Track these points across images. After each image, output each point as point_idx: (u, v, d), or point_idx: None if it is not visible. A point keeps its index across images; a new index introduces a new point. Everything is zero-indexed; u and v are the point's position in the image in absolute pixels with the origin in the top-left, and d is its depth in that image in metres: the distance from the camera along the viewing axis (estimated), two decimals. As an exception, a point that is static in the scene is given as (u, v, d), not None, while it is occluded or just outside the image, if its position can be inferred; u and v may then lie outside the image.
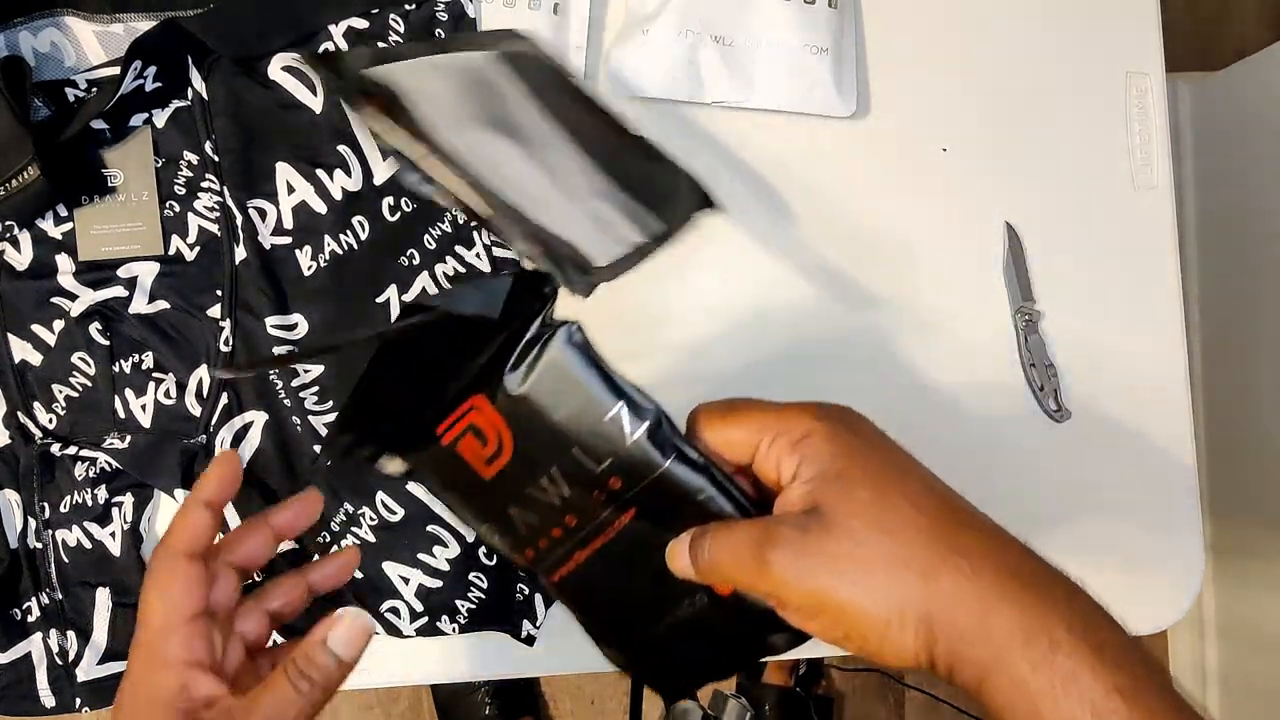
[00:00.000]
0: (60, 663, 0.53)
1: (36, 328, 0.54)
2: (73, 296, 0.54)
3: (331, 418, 0.55)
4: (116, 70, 0.53)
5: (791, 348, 0.59)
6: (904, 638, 0.31)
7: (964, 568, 0.31)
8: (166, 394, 0.55)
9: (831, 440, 0.34)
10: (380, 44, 0.56)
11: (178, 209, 0.55)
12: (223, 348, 0.55)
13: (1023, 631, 0.30)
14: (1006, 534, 0.34)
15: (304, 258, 0.55)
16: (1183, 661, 1.31)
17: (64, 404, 0.54)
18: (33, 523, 0.54)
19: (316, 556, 0.55)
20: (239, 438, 0.55)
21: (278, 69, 0.56)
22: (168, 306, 0.55)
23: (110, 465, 0.54)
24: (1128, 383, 0.61)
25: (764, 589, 0.34)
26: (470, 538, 0.55)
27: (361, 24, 0.56)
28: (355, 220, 0.55)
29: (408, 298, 0.56)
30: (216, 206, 0.55)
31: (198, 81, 0.55)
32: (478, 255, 0.56)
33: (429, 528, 0.55)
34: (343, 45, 0.56)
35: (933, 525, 0.33)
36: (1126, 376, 0.61)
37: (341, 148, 0.56)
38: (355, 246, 0.55)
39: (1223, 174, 1.18)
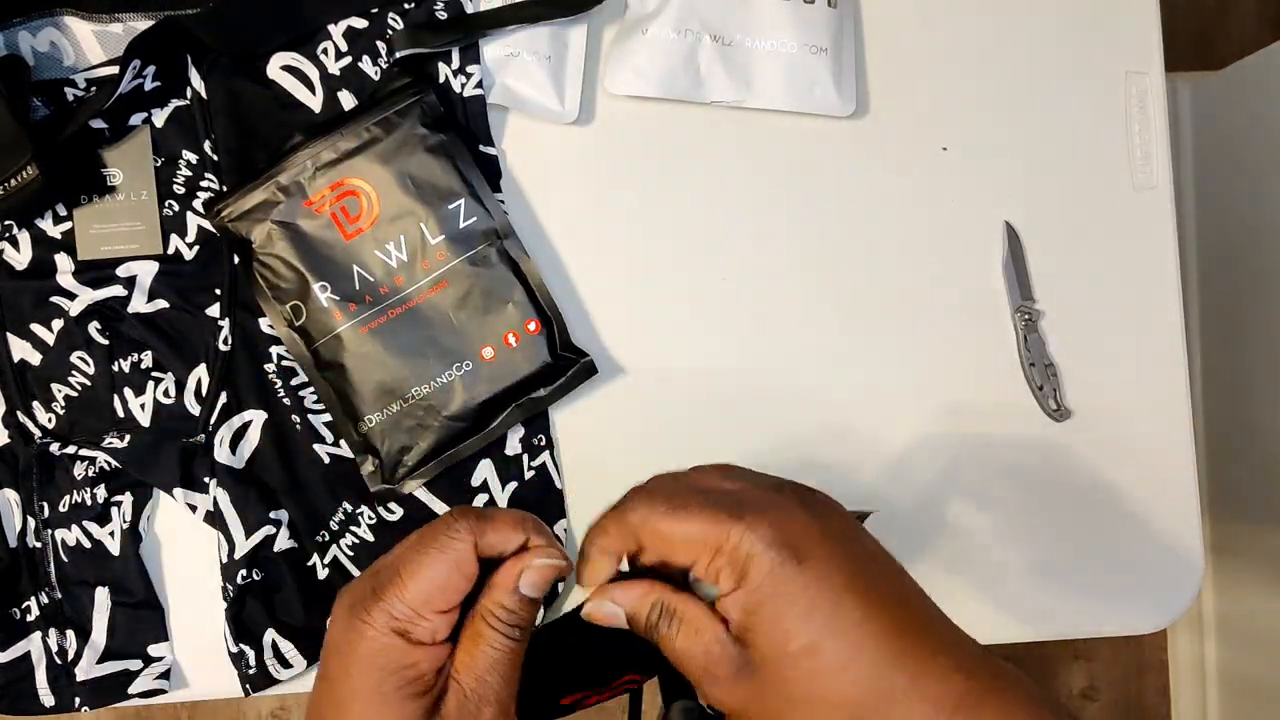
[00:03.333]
0: (59, 662, 0.53)
1: (36, 327, 0.54)
2: (72, 296, 0.54)
3: (329, 417, 0.55)
4: (115, 69, 0.53)
5: (791, 347, 0.59)
6: None
7: (897, 713, 0.30)
8: (165, 393, 0.55)
9: (773, 576, 0.31)
10: (380, 43, 0.56)
11: (177, 208, 0.55)
12: (222, 347, 0.55)
13: None
14: (951, 640, 0.32)
15: (303, 257, 0.55)
16: (1182, 661, 1.31)
17: (63, 403, 0.54)
18: (32, 522, 0.54)
19: (315, 556, 0.55)
20: (238, 437, 0.55)
21: (277, 68, 0.56)
22: (167, 306, 0.55)
23: (109, 464, 0.54)
24: (1128, 382, 0.61)
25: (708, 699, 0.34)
26: None
27: (361, 24, 0.56)
28: (354, 220, 0.55)
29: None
30: (216, 206, 0.55)
31: (197, 80, 0.55)
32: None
33: (428, 527, 0.55)
34: (342, 45, 0.56)
35: (868, 669, 0.31)
36: (1126, 376, 0.61)
37: (341, 147, 0.56)
38: (354, 246, 0.55)
39: (1223, 174, 1.18)
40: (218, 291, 0.55)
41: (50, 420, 0.54)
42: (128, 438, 0.54)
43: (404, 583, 0.33)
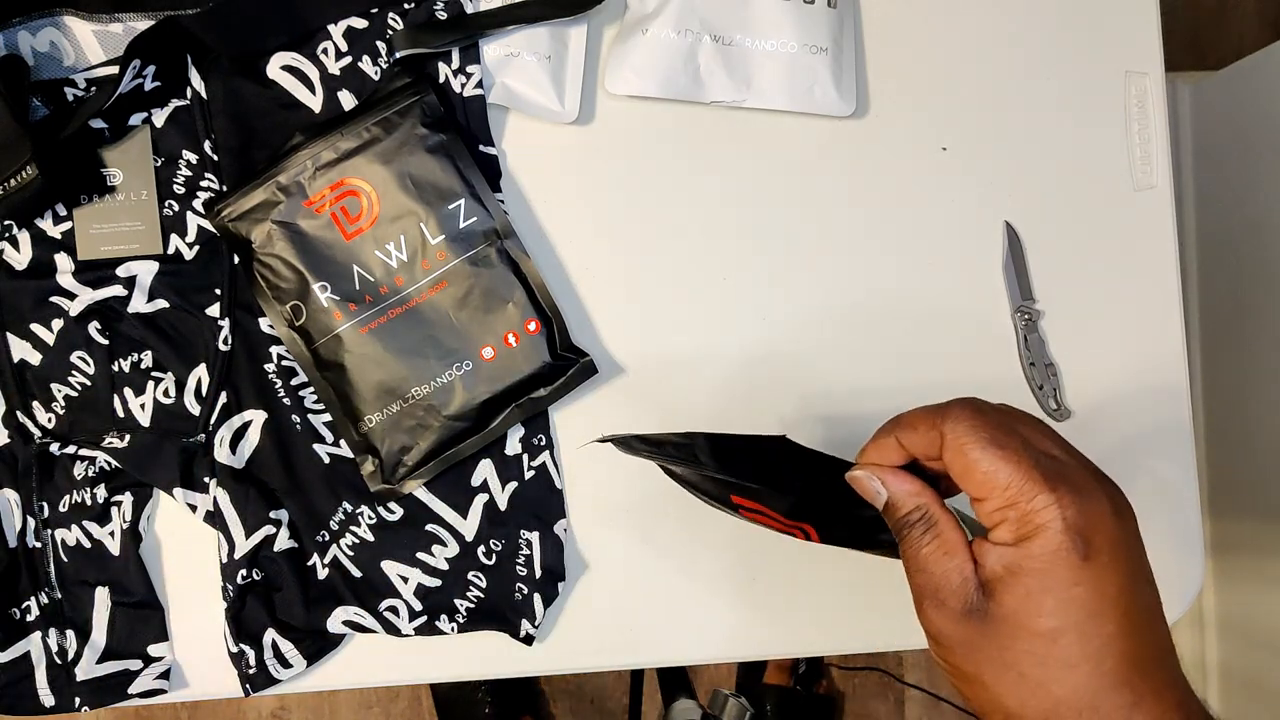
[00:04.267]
0: (59, 662, 0.53)
1: (35, 327, 0.54)
2: (72, 296, 0.54)
3: (329, 417, 0.55)
4: (115, 69, 0.53)
5: (791, 347, 0.59)
6: None
7: None
8: (165, 393, 0.55)
9: (1055, 555, 0.32)
10: (380, 43, 0.56)
11: (177, 208, 0.55)
12: (222, 347, 0.55)
13: None
14: (1178, 682, 0.33)
15: (303, 257, 0.55)
16: (1183, 659, 1.30)
17: (63, 403, 0.54)
18: (32, 522, 0.54)
19: (315, 556, 0.55)
20: (238, 436, 0.55)
21: (277, 68, 0.56)
22: (167, 306, 0.55)
23: (109, 464, 0.54)
24: (1128, 383, 0.61)
25: (919, 613, 0.35)
26: (469, 537, 0.55)
27: (361, 23, 0.56)
28: (354, 219, 0.55)
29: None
30: (216, 206, 0.55)
31: (197, 80, 0.55)
32: None
33: (428, 527, 0.55)
34: (342, 45, 0.56)
35: (1090, 676, 0.32)
36: (1126, 376, 0.61)
37: (341, 147, 0.56)
38: (354, 246, 0.55)
39: (1223, 173, 1.18)
40: (218, 291, 0.55)
41: (50, 420, 0.54)
42: (128, 438, 0.54)
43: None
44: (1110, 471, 0.59)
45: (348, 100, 0.56)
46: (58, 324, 0.54)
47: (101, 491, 0.54)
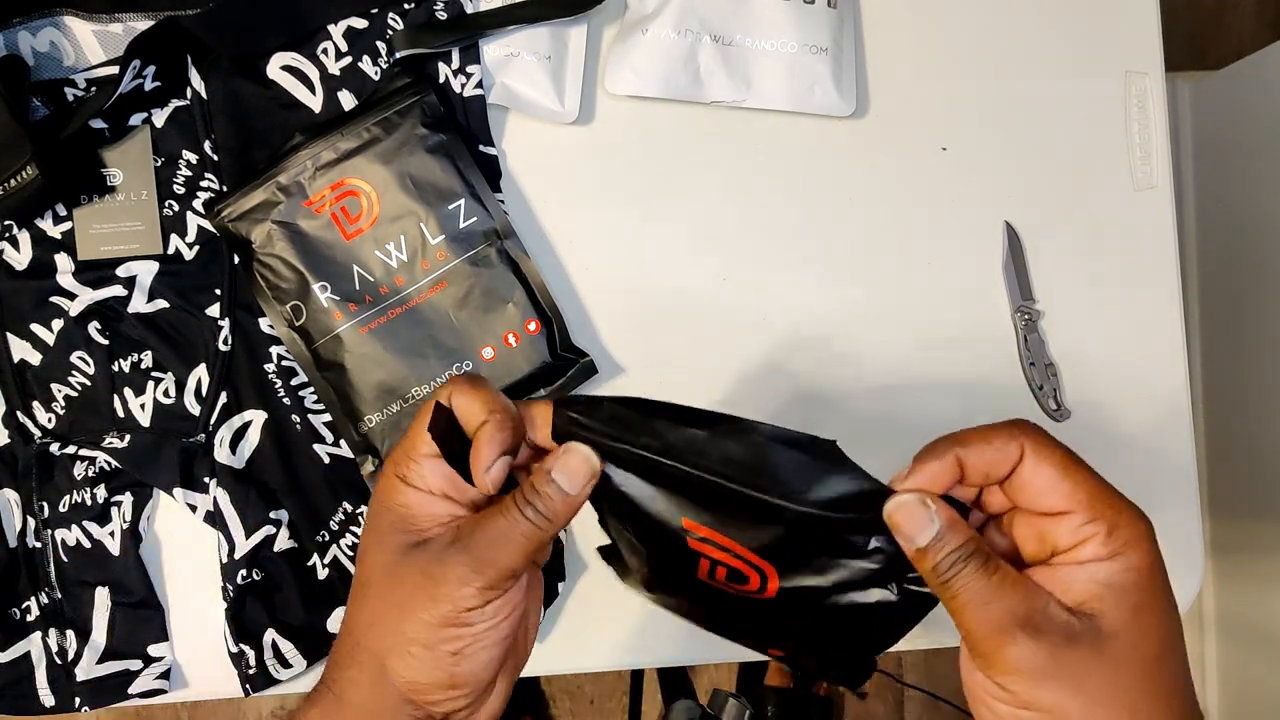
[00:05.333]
0: (59, 662, 0.53)
1: (36, 327, 0.54)
2: (72, 296, 0.54)
3: (329, 417, 0.55)
4: (115, 69, 0.53)
5: (791, 347, 0.59)
6: None
7: None
8: (165, 393, 0.55)
9: (1151, 570, 0.30)
10: (380, 43, 0.56)
11: (177, 208, 0.55)
12: (222, 347, 0.55)
13: None
14: None
15: (303, 257, 0.55)
16: (1182, 661, 1.31)
17: (63, 403, 0.54)
18: (32, 522, 0.54)
19: (315, 556, 0.55)
20: (238, 436, 0.55)
21: (277, 68, 0.56)
22: (167, 306, 0.55)
23: (109, 464, 0.54)
24: (1128, 382, 0.61)
25: (984, 655, 0.31)
26: None
27: (361, 23, 0.56)
28: (354, 220, 0.55)
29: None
30: (216, 206, 0.55)
31: (197, 81, 0.55)
32: None
33: (428, 527, 0.55)
34: (342, 45, 0.56)
35: (1185, 713, 0.30)
36: (1126, 376, 0.61)
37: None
38: (354, 246, 0.55)
39: (1222, 173, 1.18)
40: (218, 291, 0.55)
41: (50, 420, 0.54)
42: (128, 438, 0.54)
43: (407, 432, 0.36)
44: (1110, 471, 0.60)
45: (348, 100, 0.56)
46: (58, 324, 0.54)
47: (101, 491, 0.54)
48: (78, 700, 0.53)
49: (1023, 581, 0.31)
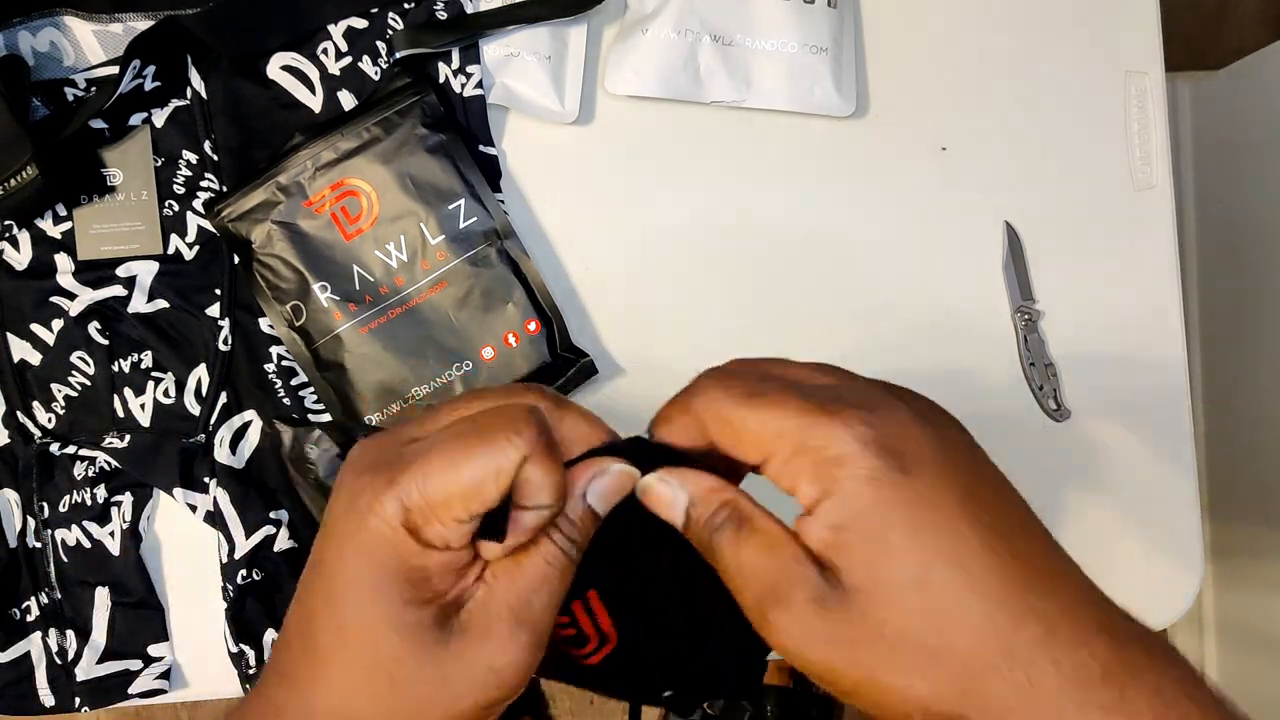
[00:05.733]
0: (59, 662, 0.53)
1: (36, 327, 0.54)
2: (72, 296, 0.54)
3: (329, 417, 0.55)
4: (115, 69, 0.53)
5: (791, 347, 0.59)
6: None
7: (1018, 677, 0.24)
8: (165, 393, 0.55)
9: (872, 483, 0.26)
10: (380, 43, 0.56)
11: (177, 208, 0.55)
12: (221, 347, 0.55)
13: None
14: (1089, 595, 0.26)
15: (303, 257, 0.55)
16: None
17: (63, 403, 0.54)
18: (32, 522, 0.54)
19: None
20: (238, 437, 0.54)
21: (277, 68, 0.56)
22: (167, 306, 0.55)
23: (109, 464, 0.54)
24: (1128, 382, 0.61)
25: (755, 627, 0.27)
26: None
27: (361, 23, 0.56)
28: (354, 220, 0.55)
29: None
30: (216, 206, 0.55)
31: (197, 81, 0.55)
32: None
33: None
34: (342, 45, 0.56)
35: (984, 615, 0.25)
36: (1126, 376, 0.61)
37: (341, 147, 0.56)
38: (354, 246, 0.55)
39: (1223, 173, 1.18)
40: (218, 291, 0.55)
41: (50, 420, 0.54)
42: (128, 438, 0.54)
43: (430, 472, 0.26)
44: (1110, 472, 0.59)
45: (348, 100, 0.56)
46: (58, 324, 0.54)
47: (101, 491, 0.54)
48: (78, 700, 0.53)
49: (779, 545, 0.27)
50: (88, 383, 0.54)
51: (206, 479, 0.54)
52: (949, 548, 0.25)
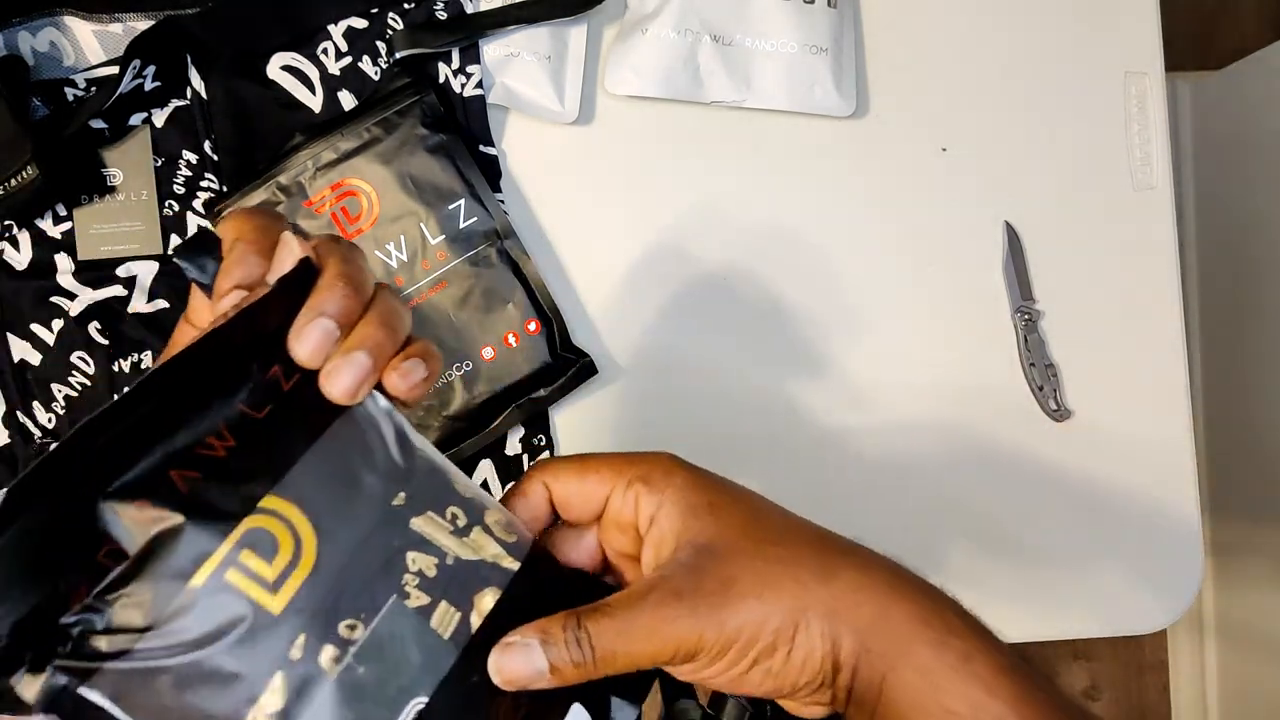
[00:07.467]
0: (59, 662, 0.53)
1: (36, 327, 0.54)
2: (72, 296, 0.54)
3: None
4: (116, 69, 0.53)
5: (790, 347, 0.59)
6: (811, 641, 0.30)
7: (857, 566, 0.32)
8: (166, 393, 0.55)
9: (691, 474, 0.33)
10: (380, 43, 0.56)
11: (177, 208, 0.55)
12: (222, 347, 0.55)
13: (921, 618, 0.31)
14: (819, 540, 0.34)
15: (303, 257, 0.55)
16: (1182, 661, 1.31)
17: (63, 403, 0.54)
18: (32, 522, 0.54)
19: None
20: (238, 437, 0.54)
21: (277, 68, 0.56)
22: (167, 306, 0.55)
23: (109, 465, 0.54)
24: (1128, 383, 0.61)
25: (667, 657, 0.30)
26: None
27: (361, 23, 0.56)
28: (355, 220, 0.55)
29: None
30: (216, 206, 0.55)
31: (197, 81, 0.55)
32: None
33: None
34: (342, 45, 0.56)
35: (816, 532, 0.33)
36: (1126, 376, 0.61)
37: (341, 147, 0.56)
38: (355, 246, 0.55)
39: (1222, 173, 1.18)
40: (218, 291, 0.55)
41: (50, 420, 0.54)
42: (128, 438, 0.54)
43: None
44: (1110, 472, 0.60)
45: (348, 100, 0.56)
46: (58, 324, 0.54)
47: (101, 491, 0.54)
48: (78, 700, 0.53)
49: (630, 592, 0.31)
50: (88, 383, 0.54)
51: (206, 479, 0.54)
52: (762, 501, 0.34)
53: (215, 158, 0.55)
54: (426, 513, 0.30)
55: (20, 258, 0.54)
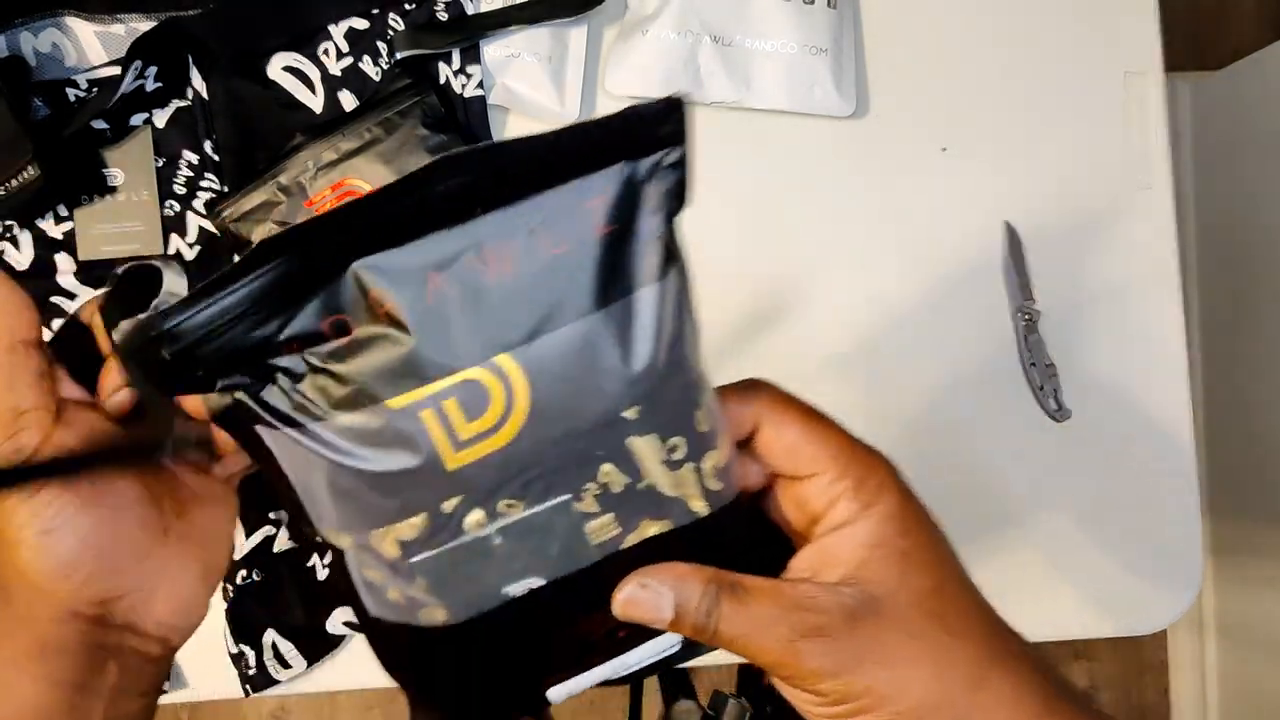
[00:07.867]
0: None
1: (36, 327, 0.54)
2: (72, 296, 0.54)
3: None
4: (117, 70, 0.53)
5: (790, 348, 0.59)
6: None
7: (1013, 682, 0.29)
8: (166, 393, 0.55)
9: (904, 510, 0.30)
10: (381, 44, 0.56)
11: (178, 208, 0.55)
12: (223, 347, 0.55)
13: None
14: (1031, 646, 0.31)
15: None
16: (1183, 661, 1.31)
17: (64, 403, 0.54)
18: (33, 522, 0.54)
19: (315, 556, 0.55)
20: (239, 437, 0.55)
21: (278, 68, 0.56)
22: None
23: (110, 465, 0.54)
24: (1128, 383, 0.61)
25: (783, 673, 0.29)
26: None
27: (362, 24, 0.56)
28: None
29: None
30: (216, 206, 0.55)
31: (198, 81, 0.55)
32: None
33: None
34: (343, 46, 0.56)
35: (989, 626, 0.30)
36: (1126, 376, 0.61)
37: (341, 147, 0.56)
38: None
39: (1222, 173, 1.18)
40: (218, 292, 0.55)
41: (51, 420, 0.54)
42: (128, 438, 0.54)
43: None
44: (1110, 472, 0.59)
45: (348, 101, 0.56)
46: (58, 324, 0.54)
47: (102, 491, 0.54)
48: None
49: (778, 590, 0.29)
50: (89, 383, 0.54)
51: (207, 479, 0.54)
52: (953, 571, 0.31)
53: (216, 158, 0.55)
54: (651, 434, 0.27)
55: (21, 258, 0.55)
